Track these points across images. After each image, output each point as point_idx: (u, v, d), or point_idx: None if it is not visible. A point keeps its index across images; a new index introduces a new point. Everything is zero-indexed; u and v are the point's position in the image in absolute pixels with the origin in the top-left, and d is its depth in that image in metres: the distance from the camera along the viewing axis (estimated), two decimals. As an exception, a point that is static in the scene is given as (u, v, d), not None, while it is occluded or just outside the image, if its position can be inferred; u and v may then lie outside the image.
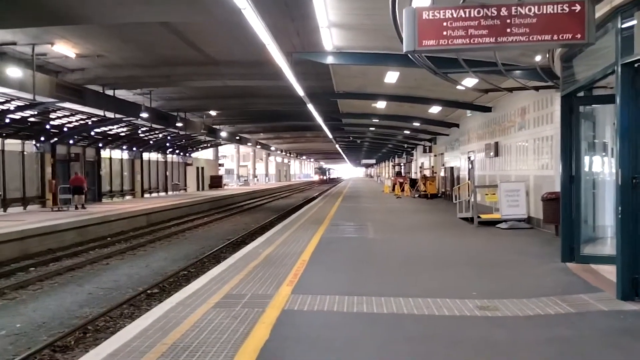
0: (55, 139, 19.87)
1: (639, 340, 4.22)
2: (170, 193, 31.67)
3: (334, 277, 6.69)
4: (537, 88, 10.95)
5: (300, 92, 16.30)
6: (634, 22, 5.25)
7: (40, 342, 6.32)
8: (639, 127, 5.29)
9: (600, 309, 5.05)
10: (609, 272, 6.05)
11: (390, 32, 6.81)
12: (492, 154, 15.82)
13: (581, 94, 7.45)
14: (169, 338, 4.21)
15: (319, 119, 25.81)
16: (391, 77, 13.60)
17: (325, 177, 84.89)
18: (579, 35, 5.31)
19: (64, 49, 13.86)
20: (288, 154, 78.59)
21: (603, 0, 5.56)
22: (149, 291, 8.90)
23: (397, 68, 12.44)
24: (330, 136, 39.71)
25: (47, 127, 18.63)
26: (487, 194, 13.98)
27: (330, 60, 11.57)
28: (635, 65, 5.25)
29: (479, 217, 12.83)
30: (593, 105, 7.98)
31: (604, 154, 8.35)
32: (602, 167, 8.41)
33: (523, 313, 4.96)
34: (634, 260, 5.24)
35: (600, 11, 5.60)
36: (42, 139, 19.25)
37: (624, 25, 5.31)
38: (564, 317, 4.85)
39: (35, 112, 16.67)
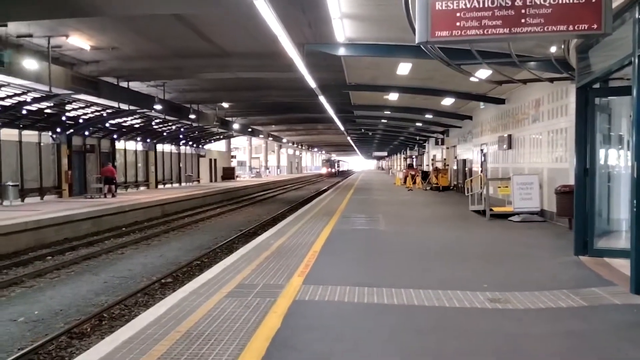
0: (71, 130, 20.15)
1: (652, 334, 4.19)
2: (183, 184, 31.97)
3: (345, 268, 6.74)
4: (551, 80, 10.80)
5: (312, 84, 16.27)
6: (653, 11, 5.15)
7: (58, 328, 6.49)
8: (656, 120, 5.21)
9: (614, 302, 5.02)
10: (623, 265, 6.00)
11: (402, 23, 6.76)
12: (505, 146, 15.66)
13: (597, 85, 7.33)
14: (182, 326, 4.30)
15: (331, 111, 25.77)
16: (403, 68, 13.51)
17: (333, 170, 78.87)
18: (595, 26, 5.21)
19: (78, 41, 14.01)
20: (300, 146, 78.65)
21: (621, -10, 5.46)
22: (163, 280, 9.05)
23: (410, 59, 12.34)
24: (342, 128, 39.62)
25: (63, 118, 18.90)
26: (499, 187, 13.88)
27: (342, 51, 11.53)
28: (653, 56, 5.16)
29: (491, 209, 12.75)
30: (609, 97, 7.86)
31: (619, 146, 8.23)
32: (617, 160, 8.29)
33: (534, 306, 4.95)
34: (648, 254, 5.19)
35: (618, 1, 5.49)
36: (58, 130, 19.54)
37: (642, 15, 5.21)
38: (576, 310, 4.83)
39: (52, 104, 16.91)
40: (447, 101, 19.03)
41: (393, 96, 18.99)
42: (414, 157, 44.26)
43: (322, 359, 3.68)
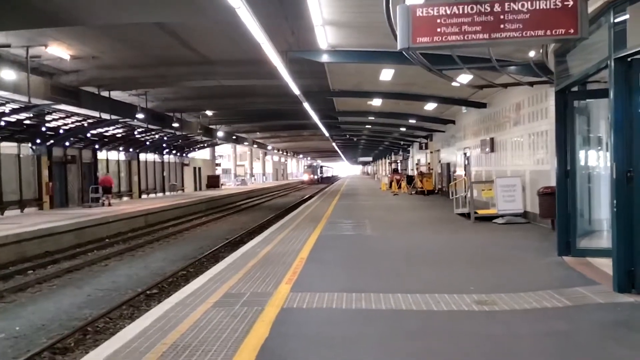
0: (52, 141, 19.81)
1: (636, 332, 4.26)
2: (167, 193, 31.63)
3: (332, 274, 6.72)
4: (531, 83, 11.00)
5: (296, 90, 16.29)
6: (626, 16, 5.29)
7: (40, 344, 6.33)
8: (633, 121, 5.33)
9: (597, 301, 5.10)
10: (605, 265, 6.10)
11: (384, 29, 6.83)
12: (487, 149, 15.87)
13: (575, 88, 7.49)
14: (168, 338, 4.23)
15: (315, 118, 25.80)
16: (386, 74, 13.63)
17: (316, 177, 72.34)
18: (572, 30, 5.34)
19: (58, 51, 13.82)
20: (285, 153, 78.52)
21: (596, -5, 5.59)
22: (148, 292, 8.91)
23: (392, 65, 12.45)
24: (327, 134, 39.69)
25: (43, 129, 18.58)
26: (483, 190, 14.05)
27: (325, 58, 11.59)
28: (628, 59, 5.29)
29: (475, 212, 12.88)
30: (587, 100, 8.02)
31: (599, 148, 8.40)
32: (597, 161, 8.46)
33: (520, 307, 5.00)
34: (629, 253, 5.29)
35: (593, 6, 5.63)
36: (38, 141, 19.19)
37: (617, 20, 5.35)
38: (561, 310, 4.90)
39: (31, 115, 16.62)
40: (430, 106, 19.24)
41: (377, 102, 19.13)
42: (398, 161, 44.55)
43: (312, 367, 3.65)
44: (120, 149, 26.15)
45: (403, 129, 29.31)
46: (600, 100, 7.45)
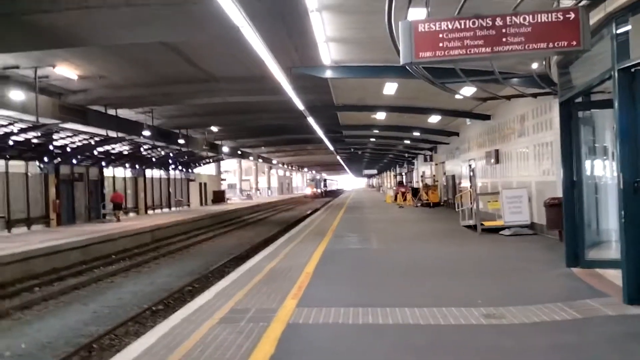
0: (59, 159, 20.00)
1: (647, 345, 4.19)
2: (173, 209, 31.72)
3: (338, 289, 6.68)
4: (535, 95, 11.01)
5: (300, 106, 16.41)
6: (629, 27, 5.31)
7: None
8: (638, 131, 5.32)
9: (607, 313, 5.03)
10: (615, 276, 6.03)
11: (387, 44, 6.89)
12: (492, 161, 15.83)
13: (579, 99, 7.48)
14: (174, 355, 4.21)
15: (320, 132, 25.93)
16: (390, 88, 13.70)
17: (319, 191, 69.38)
18: (574, 42, 5.36)
19: (66, 71, 14.03)
20: (290, 167, 78.70)
21: (597, 7, 5.62)
22: (153, 308, 8.88)
23: (395, 79, 12.53)
24: (331, 148, 39.82)
25: (51, 147, 18.78)
26: (489, 201, 13.97)
27: (329, 74, 11.68)
28: (632, 70, 5.29)
29: (482, 224, 12.80)
30: (592, 110, 8.01)
31: (605, 157, 8.36)
32: (603, 170, 8.41)
33: (529, 320, 4.93)
34: (639, 264, 5.22)
35: (595, 17, 5.66)
36: (46, 159, 19.38)
37: (619, 31, 5.37)
38: (571, 323, 4.83)
39: (39, 134, 16.82)
40: (434, 119, 19.27)
41: (380, 115, 19.20)
42: (403, 174, 44.50)
43: (318, 384, 3.61)
44: (127, 165, 26.33)
45: (407, 142, 29.34)
46: (605, 110, 7.43)
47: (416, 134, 23.99)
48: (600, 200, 8.12)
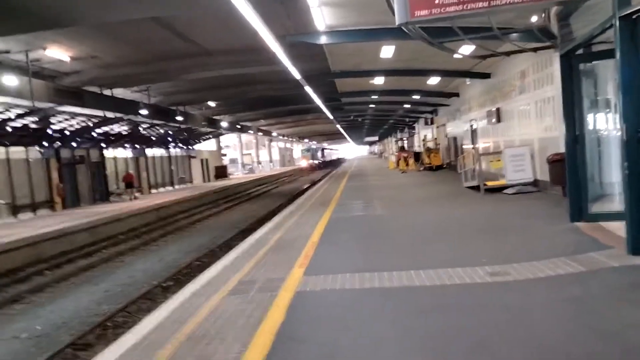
0: (59, 143, 19.95)
1: (651, 293, 4.23)
2: (176, 187, 31.84)
3: (344, 256, 6.74)
4: (535, 50, 10.76)
5: (296, 75, 16.19)
6: (629, -28, 5.12)
7: (62, 341, 6.47)
8: (641, 80, 5.21)
9: (611, 265, 5.06)
10: (618, 228, 6.04)
11: (381, 5, 6.72)
12: (494, 120, 15.68)
13: (580, 51, 7.31)
14: (186, 328, 4.29)
15: (318, 101, 25.67)
16: (387, 51, 13.44)
17: (317, 162, 62.47)
18: (573, -9, 5.20)
19: (57, 53, 13.82)
20: (290, 139, 78.37)
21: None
22: (164, 284, 9.03)
23: (392, 42, 12.28)
24: (331, 117, 39.51)
25: (49, 132, 18.70)
26: (492, 161, 13.92)
27: (323, 40, 11.45)
28: (634, 17, 5.14)
29: (485, 184, 12.79)
30: (593, 62, 7.84)
31: (607, 110, 8.24)
32: (606, 123, 8.31)
33: (534, 275, 4.98)
34: (642, 215, 5.22)
35: (594, -36, 5.46)
36: (46, 144, 19.33)
37: (620, -23, 5.18)
38: (575, 276, 4.87)
39: (36, 118, 16.72)
40: (433, 80, 19.00)
41: (379, 80, 18.93)
42: (404, 139, 44.26)
43: (328, 348, 3.68)
44: (127, 146, 26.26)
45: (407, 106, 29.04)
46: (606, 61, 7.27)
47: (416, 97, 23.71)
48: (602, 154, 8.05)
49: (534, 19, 8.89)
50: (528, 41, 10.24)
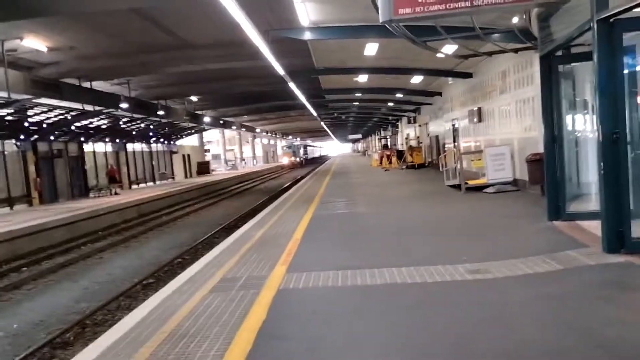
0: (36, 136, 19.49)
1: (625, 291, 4.35)
2: (158, 183, 31.43)
3: (327, 253, 6.76)
4: (516, 50, 10.93)
5: (280, 70, 16.11)
6: (608, -24, 5.23)
7: (39, 340, 6.34)
8: (617, 83, 5.33)
9: (588, 263, 5.19)
10: (595, 227, 6.18)
11: (366, 2, 6.73)
12: (475, 119, 15.88)
13: (559, 53, 7.46)
14: (167, 326, 4.24)
15: (302, 97, 25.60)
16: (371, 49, 13.48)
17: (298, 159, 60.39)
18: (554, -7, 5.28)
19: (34, 43, 13.46)
20: (274, 135, 78.02)
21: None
22: (144, 282, 8.92)
23: (376, 39, 12.32)
24: (315, 114, 39.48)
25: (26, 124, 18.25)
26: (473, 160, 14.11)
27: (307, 36, 11.42)
28: (611, 20, 5.25)
29: (466, 183, 12.96)
30: (572, 64, 8.00)
31: (585, 111, 8.42)
32: (583, 124, 8.49)
33: (513, 273, 5.07)
34: (617, 214, 5.35)
35: (575, -33, 5.56)
36: (22, 137, 18.87)
37: (598, -19, 5.29)
38: (553, 274, 4.97)
39: (12, 110, 16.28)
40: (416, 79, 19.13)
41: (363, 78, 18.98)
42: (388, 137, 44.51)
43: (311, 345, 3.69)
44: (107, 140, 25.82)
45: (391, 104, 29.21)
46: (584, 63, 7.42)
47: (399, 95, 23.85)
48: (580, 154, 8.23)
49: (516, 20, 9.02)
50: (509, 42, 10.40)
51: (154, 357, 3.63)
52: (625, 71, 5.43)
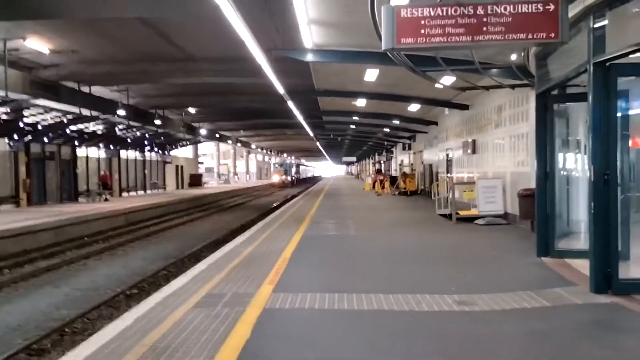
0: (30, 137, 19.36)
1: (610, 332, 4.35)
2: (149, 192, 31.21)
3: (315, 275, 6.71)
4: (513, 86, 11.15)
5: (280, 89, 16.26)
6: (606, 21, 5.39)
7: (15, 345, 6.17)
8: (610, 125, 5.44)
9: (575, 302, 5.19)
10: (583, 266, 6.21)
11: (369, 29, 6.84)
12: (469, 151, 16.05)
13: (555, 92, 7.61)
14: (148, 339, 4.16)
15: (300, 117, 25.79)
16: (371, 75, 13.67)
17: (290, 178, 58.18)
18: (553, 34, 5.42)
19: (37, 44, 13.49)
20: (269, 152, 78.14)
21: (576, 0, 5.69)
22: (128, 292, 8.77)
23: (377, 66, 12.50)
24: (311, 134, 39.70)
25: (21, 124, 18.12)
26: (465, 191, 14.19)
27: (310, 57, 11.57)
28: (607, 64, 5.39)
29: (457, 213, 13.00)
30: (567, 103, 8.17)
31: (577, 150, 8.56)
32: (575, 163, 8.62)
33: (500, 307, 5.06)
34: (606, 255, 5.39)
35: (574, 10, 5.73)
36: (16, 137, 18.73)
37: (596, 25, 5.45)
38: (540, 310, 4.97)
39: (8, 110, 16.20)
40: (414, 107, 19.37)
41: (361, 102, 19.19)
42: (382, 162, 44.75)
43: (293, 368, 3.64)
44: (101, 145, 25.69)
45: (387, 130, 29.46)
46: (579, 103, 7.58)
47: (396, 122, 24.09)
48: (571, 192, 8.33)
49: (514, 57, 9.22)
50: (507, 77, 10.61)
51: (132, 371, 3.55)
52: (619, 114, 5.56)
